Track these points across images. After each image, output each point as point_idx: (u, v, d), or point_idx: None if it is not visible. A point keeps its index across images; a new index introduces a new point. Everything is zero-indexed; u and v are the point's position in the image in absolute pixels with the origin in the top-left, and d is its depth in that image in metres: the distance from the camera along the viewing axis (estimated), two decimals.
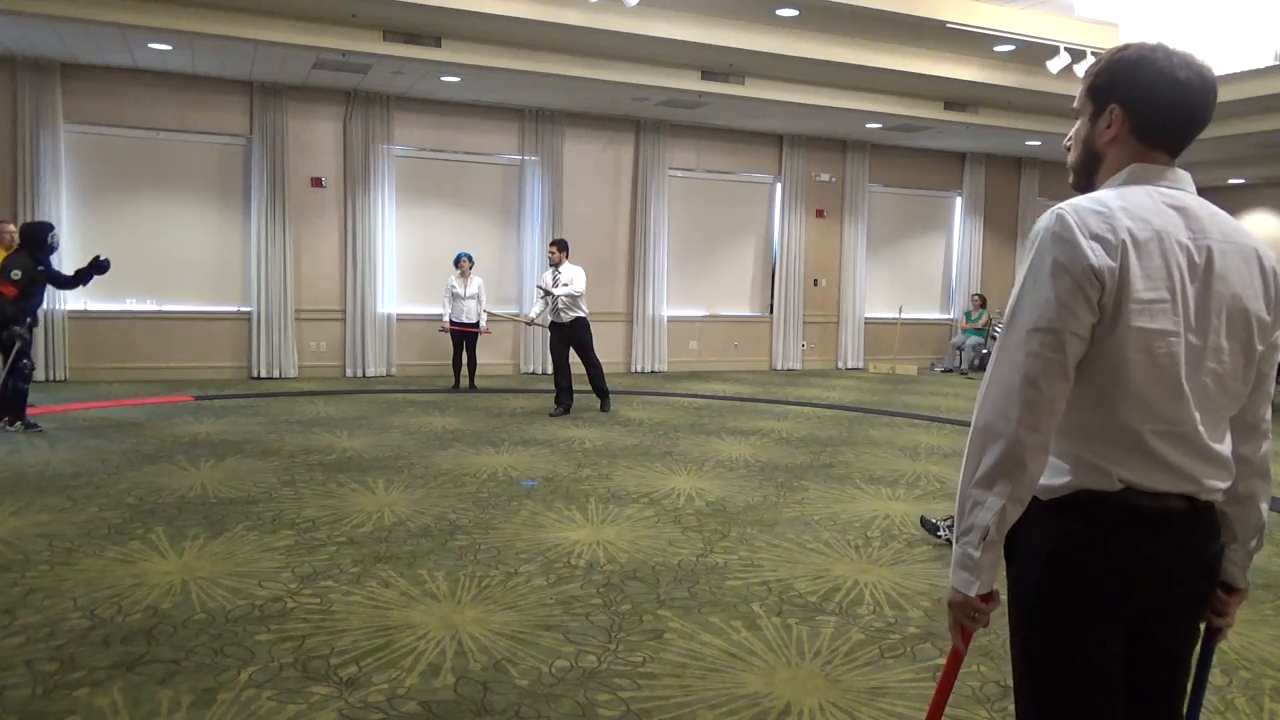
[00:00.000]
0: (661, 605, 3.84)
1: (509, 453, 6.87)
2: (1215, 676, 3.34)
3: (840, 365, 13.90)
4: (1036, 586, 1.58)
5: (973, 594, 1.53)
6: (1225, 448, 1.56)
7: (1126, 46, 1.58)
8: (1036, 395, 1.45)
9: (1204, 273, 1.49)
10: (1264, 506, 1.68)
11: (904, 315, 14.24)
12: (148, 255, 10.36)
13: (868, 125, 12.25)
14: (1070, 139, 1.70)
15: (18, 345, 7.11)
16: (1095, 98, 1.61)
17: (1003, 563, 1.58)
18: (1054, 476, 1.54)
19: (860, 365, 13.95)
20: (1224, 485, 1.57)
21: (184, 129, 10.36)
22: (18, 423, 7.17)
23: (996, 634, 3.61)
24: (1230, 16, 7.03)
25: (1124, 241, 1.44)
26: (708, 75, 10.12)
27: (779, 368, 13.46)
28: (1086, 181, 1.66)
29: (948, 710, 3.01)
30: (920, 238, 14.65)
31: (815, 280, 13.68)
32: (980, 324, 14.14)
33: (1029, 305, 1.47)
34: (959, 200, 14.67)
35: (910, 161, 14.13)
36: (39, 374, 9.69)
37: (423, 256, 11.42)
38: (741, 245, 13.39)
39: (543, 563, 4.34)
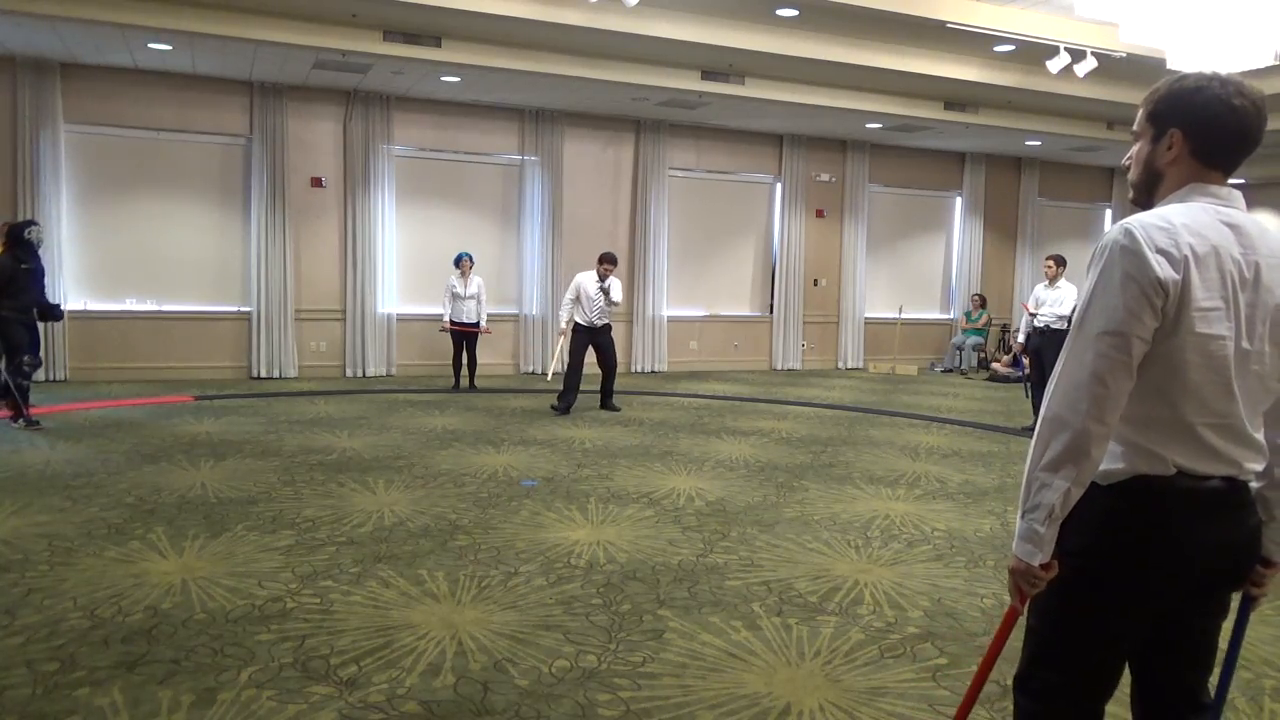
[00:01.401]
0: (661, 605, 3.84)
1: (509, 453, 6.87)
2: (1215, 676, 3.34)
3: (840, 365, 13.90)
4: (1082, 555, 1.72)
5: (1036, 563, 1.70)
6: (1261, 435, 1.76)
7: (1185, 76, 1.76)
8: (1103, 391, 1.62)
9: (1253, 284, 1.68)
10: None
11: (904, 315, 14.24)
12: (148, 255, 10.36)
13: (868, 125, 12.25)
14: (1130, 158, 1.92)
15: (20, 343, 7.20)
16: (1155, 122, 1.81)
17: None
18: (1113, 462, 1.70)
19: (860, 365, 13.95)
20: (1259, 467, 1.76)
21: (184, 129, 10.36)
22: (20, 420, 7.20)
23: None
24: (1230, 16, 7.02)
25: (1186, 257, 1.62)
26: (708, 75, 10.11)
27: (779, 368, 13.46)
28: (1147, 198, 1.86)
29: (945, 710, 3.02)
30: (920, 238, 14.65)
31: (815, 280, 13.68)
32: (980, 324, 14.14)
33: (1099, 310, 1.64)
34: (959, 200, 14.67)
35: (910, 161, 14.13)
36: (40, 374, 9.70)
37: (423, 256, 11.42)
38: (741, 245, 13.39)
39: (543, 563, 4.34)
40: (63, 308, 7.65)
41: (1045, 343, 8.46)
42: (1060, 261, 8.61)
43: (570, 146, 11.98)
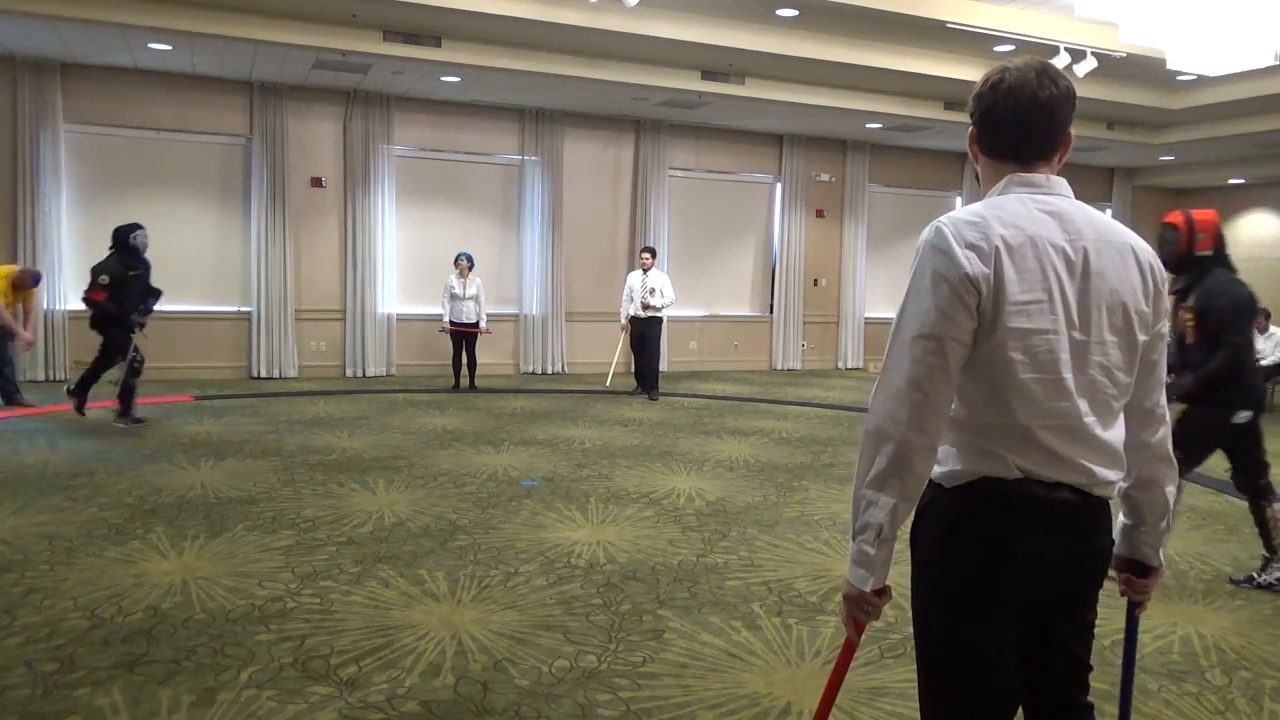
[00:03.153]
0: (661, 605, 3.84)
1: (509, 453, 6.87)
2: (1215, 676, 3.35)
3: (840, 365, 13.90)
4: (937, 565, 1.65)
5: (868, 589, 1.60)
6: (1115, 436, 1.64)
7: (988, 72, 1.67)
8: (922, 399, 1.53)
9: (1082, 272, 1.58)
10: (1169, 490, 1.77)
11: None
12: (148, 255, 10.33)
13: (868, 125, 12.25)
14: None
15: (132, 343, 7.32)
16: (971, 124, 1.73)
17: (900, 553, 1.66)
18: (955, 464, 1.62)
19: (860, 365, 13.94)
20: (1115, 476, 1.65)
21: (184, 129, 10.36)
22: (126, 419, 7.19)
23: None
24: (1230, 16, 7.02)
25: (997, 248, 1.52)
26: (708, 75, 10.11)
27: (779, 368, 13.46)
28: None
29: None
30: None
31: (815, 280, 13.68)
32: None
33: (912, 313, 1.55)
34: (959, 200, 14.65)
35: (910, 161, 14.13)
36: (39, 374, 9.70)
37: (423, 256, 11.41)
38: (741, 245, 13.39)
39: (543, 563, 4.34)
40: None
41: None
42: None
43: (570, 146, 11.97)
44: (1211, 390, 4.11)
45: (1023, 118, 1.61)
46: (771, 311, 13.53)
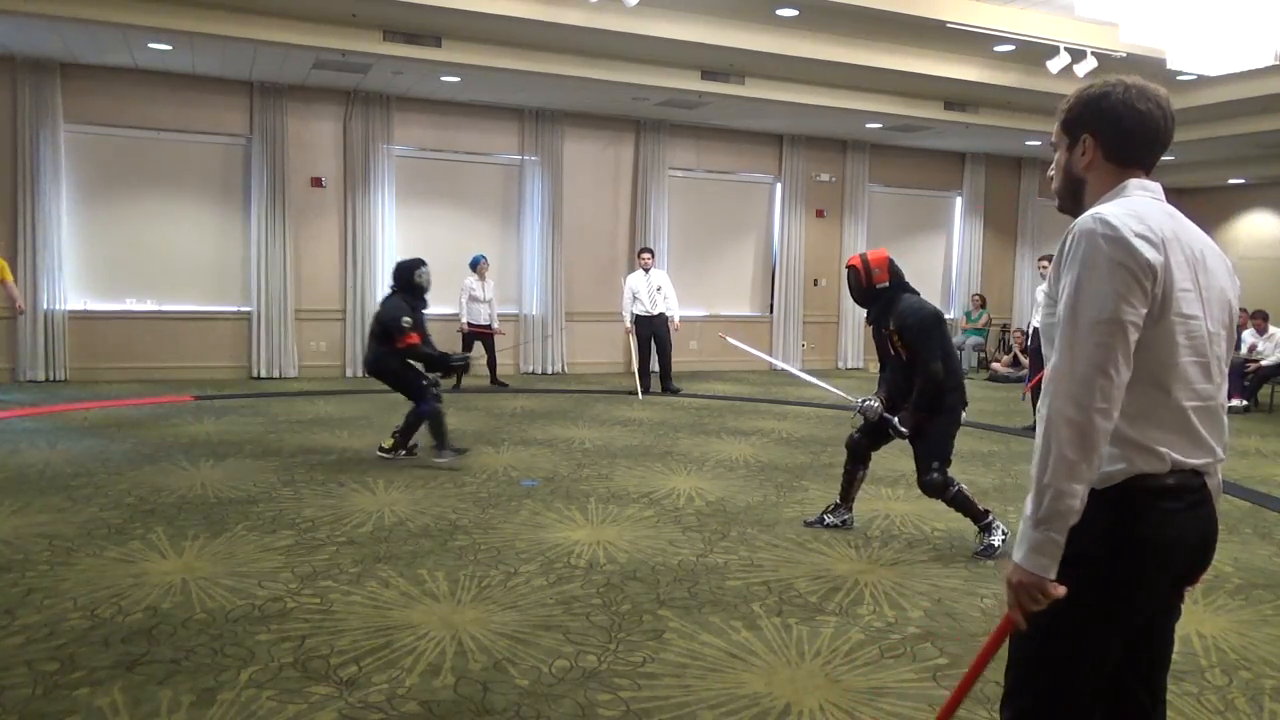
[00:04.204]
0: (661, 605, 3.84)
1: (509, 453, 6.87)
2: (1215, 676, 3.35)
3: (840, 365, 13.90)
4: (1089, 566, 1.68)
5: (1051, 576, 1.64)
6: (1227, 420, 1.81)
7: (1091, 85, 1.83)
8: (1107, 382, 1.60)
9: (1201, 268, 1.73)
10: (1219, 479, 1.87)
11: None
12: (148, 255, 10.36)
13: (868, 125, 12.25)
14: (1053, 169, 1.93)
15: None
16: (1069, 131, 1.85)
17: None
18: (1111, 464, 1.68)
19: (860, 365, 13.94)
20: (1224, 454, 1.79)
21: (184, 129, 10.36)
22: (445, 452, 6.47)
23: None
24: (1230, 16, 7.02)
25: (1165, 240, 1.66)
26: (708, 75, 10.11)
27: (779, 368, 13.44)
28: (1072, 204, 1.87)
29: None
30: (920, 238, 14.64)
31: (815, 280, 13.68)
32: (980, 324, 14.13)
33: (1089, 300, 1.62)
34: (959, 200, 14.66)
35: (910, 161, 14.13)
36: (39, 374, 9.71)
37: (423, 256, 11.36)
38: (741, 245, 13.39)
39: (543, 563, 4.34)
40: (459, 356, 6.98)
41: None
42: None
43: (570, 146, 11.98)
44: (938, 399, 4.59)
45: (1167, 135, 1.79)
46: (771, 311, 13.53)
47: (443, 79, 10.00)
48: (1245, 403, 10.61)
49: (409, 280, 6.62)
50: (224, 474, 5.91)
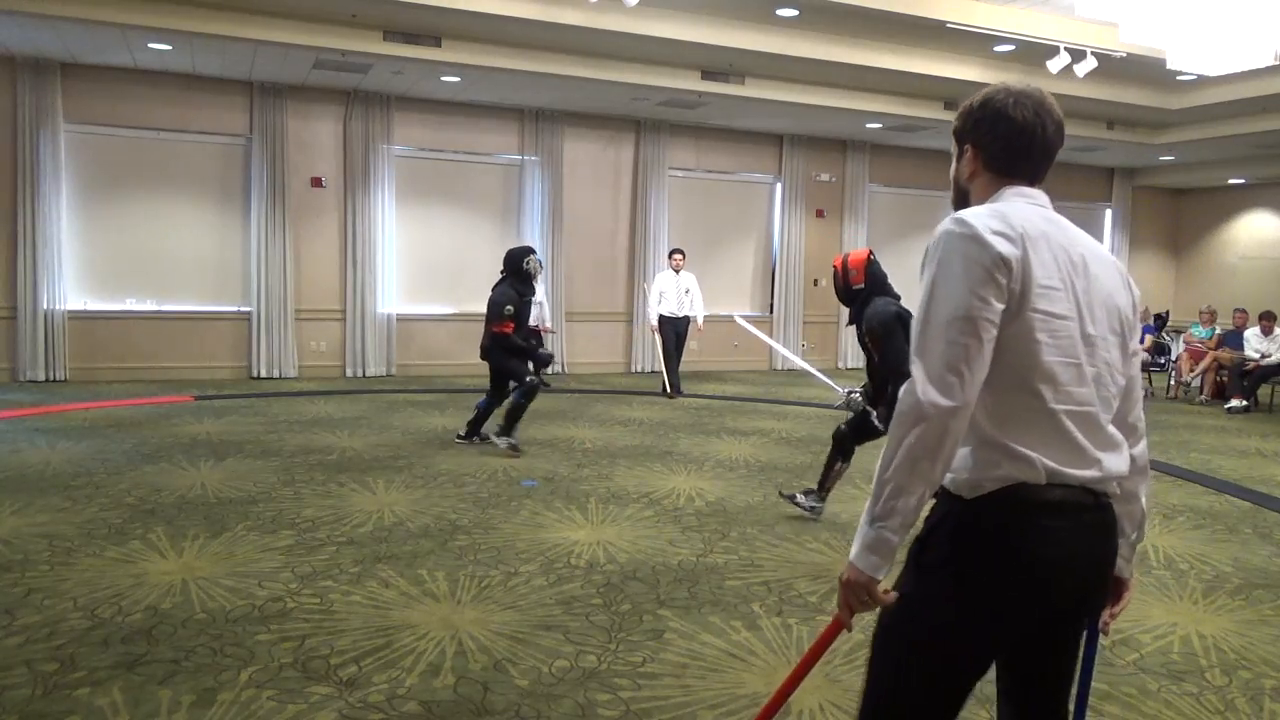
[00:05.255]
0: (661, 605, 3.84)
1: (509, 452, 6.86)
2: (1215, 676, 3.35)
3: (840, 365, 13.90)
4: (952, 575, 1.62)
5: (880, 576, 1.59)
6: (1116, 434, 1.70)
7: (978, 93, 1.79)
8: (959, 380, 1.53)
9: (1083, 275, 1.67)
10: (1145, 502, 1.83)
11: None
12: (148, 255, 10.36)
13: (868, 125, 12.24)
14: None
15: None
16: (957, 141, 1.84)
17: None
18: (978, 471, 1.61)
19: (860, 365, 13.92)
20: (1122, 469, 1.69)
21: (184, 129, 10.35)
22: (504, 439, 6.70)
23: None
24: (1230, 16, 7.02)
25: (1022, 233, 1.60)
26: (708, 75, 10.11)
27: (779, 368, 13.45)
28: None
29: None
30: (920, 238, 14.62)
31: (815, 280, 13.68)
32: None
33: (943, 298, 1.58)
34: None
35: (910, 161, 14.13)
36: (39, 374, 9.71)
37: (423, 256, 11.42)
38: (741, 245, 13.39)
39: (543, 563, 4.34)
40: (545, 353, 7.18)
41: None
42: None
43: (570, 146, 11.97)
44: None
45: (1045, 143, 1.76)
46: (771, 311, 13.53)
47: (443, 79, 10.00)
48: (1245, 403, 10.61)
49: (517, 267, 6.81)
50: (224, 474, 5.91)
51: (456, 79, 9.97)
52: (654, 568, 4.32)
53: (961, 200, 1.85)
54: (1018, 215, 1.64)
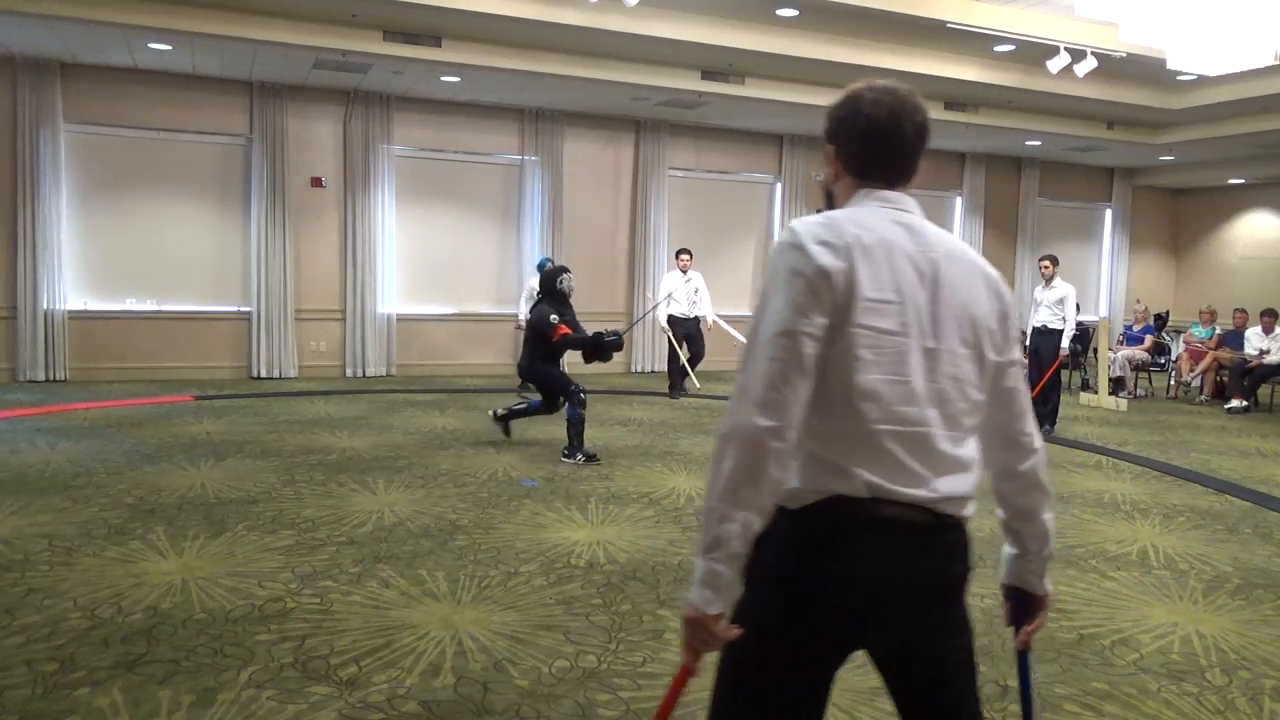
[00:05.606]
0: (661, 605, 3.84)
1: (509, 453, 6.87)
2: (1215, 676, 3.35)
3: None
4: (772, 589, 1.56)
5: (712, 612, 1.50)
6: (967, 454, 1.59)
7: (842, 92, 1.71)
8: (778, 399, 1.46)
9: (932, 281, 1.57)
10: (1047, 517, 1.73)
11: None
12: (148, 255, 10.36)
13: None
14: None
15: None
16: (826, 142, 1.75)
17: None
18: (799, 482, 1.54)
19: None
20: (965, 493, 1.57)
21: (184, 129, 10.35)
22: (578, 455, 6.64)
23: (997, 634, 3.61)
24: (1230, 16, 7.02)
25: (849, 244, 1.52)
26: (708, 75, 10.11)
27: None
28: None
29: None
30: None
31: None
32: None
33: (770, 312, 1.51)
34: (959, 200, 14.65)
35: None
36: (39, 374, 9.70)
37: (423, 256, 11.42)
38: (741, 245, 13.38)
39: (543, 563, 4.34)
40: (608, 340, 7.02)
41: (1043, 342, 8.55)
42: (1055, 261, 8.66)
43: (570, 146, 11.97)
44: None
45: (903, 142, 1.65)
46: None
47: (443, 79, 10.00)
48: (1245, 403, 10.61)
49: (551, 287, 7.08)
50: (224, 474, 5.91)
51: (456, 79, 9.97)
52: (654, 568, 4.32)
53: (830, 203, 1.77)
54: (855, 222, 1.56)
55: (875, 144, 1.65)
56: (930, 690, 1.66)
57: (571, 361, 8.58)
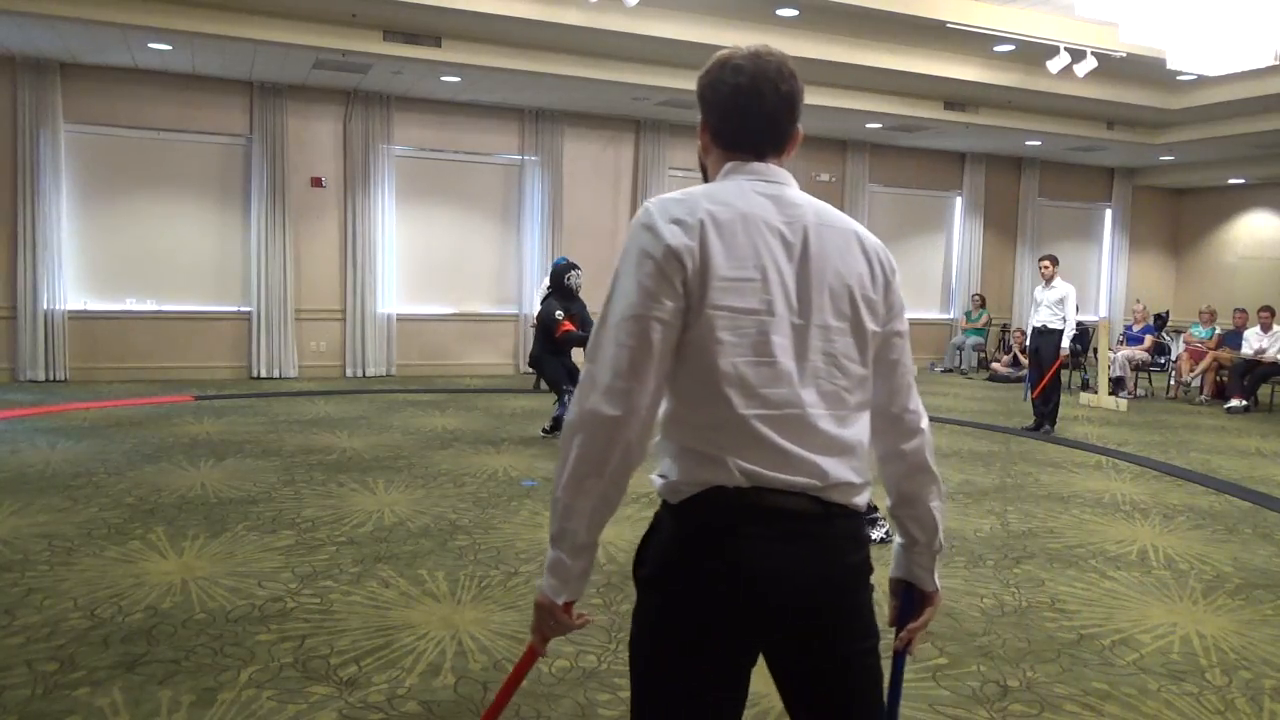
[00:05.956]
0: None
1: (509, 453, 6.87)
2: (1215, 676, 3.35)
3: None
4: (656, 588, 1.51)
5: (560, 601, 1.49)
6: (853, 434, 1.51)
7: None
8: (625, 387, 1.40)
9: (801, 253, 1.48)
10: (935, 504, 1.65)
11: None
12: (148, 255, 10.36)
13: (868, 125, 12.24)
14: None
15: None
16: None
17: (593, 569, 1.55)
18: (676, 475, 1.48)
19: None
20: (854, 477, 1.50)
21: (184, 129, 10.35)
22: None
23: (996, 634, 3.61)
24: (1230, 16, 7.02)
25: (702, 222, 1.43)
26: None
27: None
28: None
29: (945, 710, 3.02)
30: (920, 238, 14.64)
31: None
32: (980, 324, 14.14)
33: (620, 295, 1.44)
34: (959, 200, 14.66)
35: (910, 161, 14.13)
36: (39, 374, 9.70)
37: (423, 256, 11.42)
38: None
39: (542, 563, 4.34)
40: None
41: (1043, 342, 8.56)
42: (1054, 261, 8.67)
43: (570, 146, 11.97)
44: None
45: (766, 111, 1.53)
46: None
47: (443, 79, 10.00)
48: (1245, 403, 10.61)
49: (559, 282, 7.33)
50: (224, 474, 5.91)
51: (456, 79, 9.97)
52: None
53: (704, 178, 1.64)
54: (712, 198, 1.47)
55: (737, 114, 1.53)
56: (824, 693, 1.55)
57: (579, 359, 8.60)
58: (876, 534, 4.82)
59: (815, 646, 1.52)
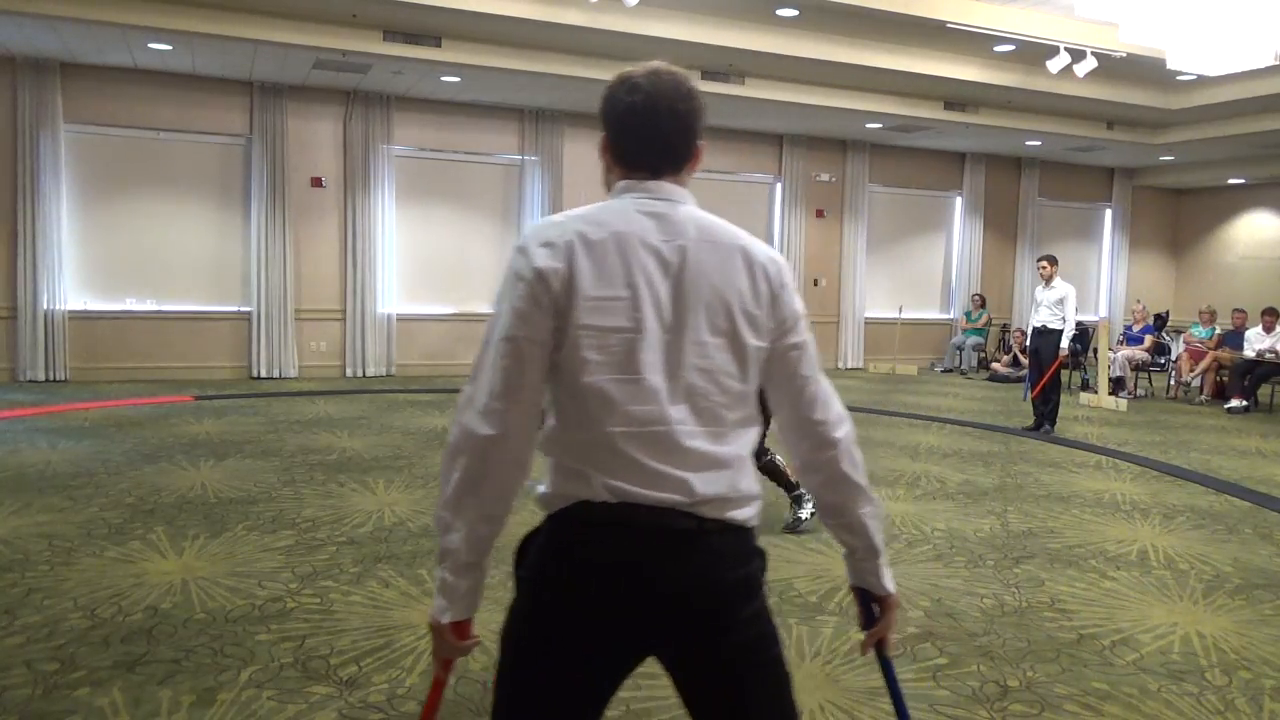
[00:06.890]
0: None
1: None
2: (1215, 676, 3.35)
3: (840, 365, 13.90)
4: (523, 595, 1.54)
5: (445, 620, 1.50)
6: (731, 451, 1.52)
7: None
8: (500, 407, 1.44)
9: (678, 271, 1.49)
10: (864, 511, 1.65)
11: (904, 315, 14.23)
12: (148, 255, 10.36)
13: (868, 125, 12.25)
14: None
15: None
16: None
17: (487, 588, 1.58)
18: (549, 487, 1.52)
19: (860, 365, 13.94)
20: (729, 493, 1.51)
21: (184, 129, 10.36)
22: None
23: (996, 634, 3.61)
24: (1230, 16, 7.02)
25: (570, 243, 1.46)
26: (708, 75, 10.11)
27: None
28: None
29: (945, 710, 3.02)
30: (920, 238, 14.65)
31: (815, 280, 13.68)
32: (980, 324, 14.14)
33: (496, 317, 1.48)
34: (959, 200, 14.66)
35: (910, 161, 14.13)
36: (40, 374, 9.70)
37: (423, 256, 11.42)
38: None
39: None
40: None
41: (1043, 342, 8.56)
42: (1053, 261, 8.67)
43: (570, 146, 11.97)
44: None
45: (662, 129, 1.55)
46: None
47: (443, 79, 10.00)
48: (1245, 403, 10.61)
49: None
50: (224, 474, 5.91)
51: (456, 79, 9.97)
52: None
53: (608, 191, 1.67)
54: (588, 219, 1.50)
55: (632, 133, 1.56)
56: (717, 706, 1.55)
57: None
58: (805, 512, 4.93)
59: (698, 659, 1.52)
